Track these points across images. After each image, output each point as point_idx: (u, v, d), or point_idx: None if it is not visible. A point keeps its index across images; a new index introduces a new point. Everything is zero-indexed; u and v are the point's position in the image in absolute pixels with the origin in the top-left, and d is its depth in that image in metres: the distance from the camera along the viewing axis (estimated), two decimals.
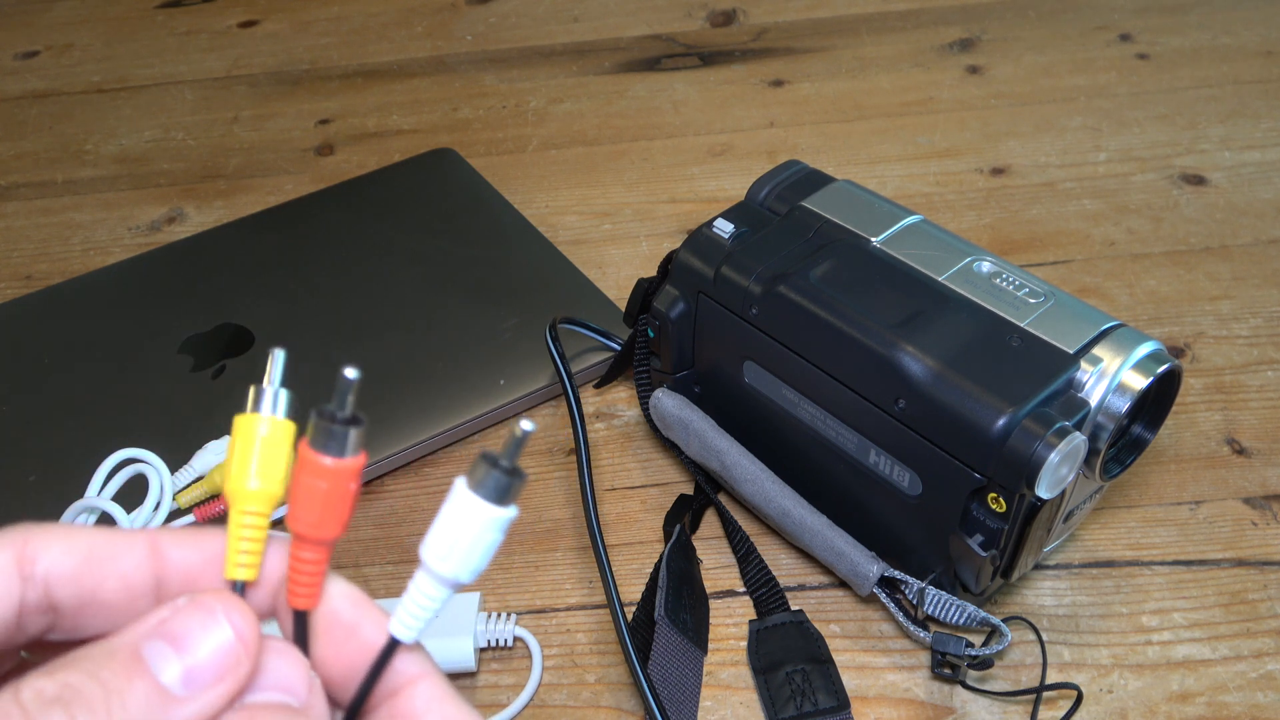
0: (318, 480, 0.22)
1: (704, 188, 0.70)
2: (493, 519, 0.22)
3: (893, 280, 0.43)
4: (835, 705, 0.42)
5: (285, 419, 0.23)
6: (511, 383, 0.55)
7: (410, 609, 0.23)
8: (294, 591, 0.23)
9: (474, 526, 0.22)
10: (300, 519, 0.23)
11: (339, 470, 0.22)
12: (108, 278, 0.63)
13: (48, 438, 0.53)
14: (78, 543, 0.22)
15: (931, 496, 0.41)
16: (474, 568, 0.22)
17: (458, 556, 0.22)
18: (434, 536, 0.22)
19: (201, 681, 0.20)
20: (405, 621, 0.23)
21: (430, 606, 0.23)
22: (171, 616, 0.21)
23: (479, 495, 0.22)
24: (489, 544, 0.22)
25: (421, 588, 0.23)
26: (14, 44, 0.90)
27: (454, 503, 0.22)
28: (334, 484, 0.22)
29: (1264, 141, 0.71)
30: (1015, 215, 0.66)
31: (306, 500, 0.22)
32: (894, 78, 0.79)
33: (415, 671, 0.23)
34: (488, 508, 0.22)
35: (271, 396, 0.23)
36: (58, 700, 0.18)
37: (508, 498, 0.22)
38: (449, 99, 0.80)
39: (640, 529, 0.50)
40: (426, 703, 0.23)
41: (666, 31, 0.86)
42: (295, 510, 0.22)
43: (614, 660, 0.45)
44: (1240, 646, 0.44)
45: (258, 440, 0.23)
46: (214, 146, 0.77)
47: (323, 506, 0.22)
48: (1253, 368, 0.55)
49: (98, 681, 0.19)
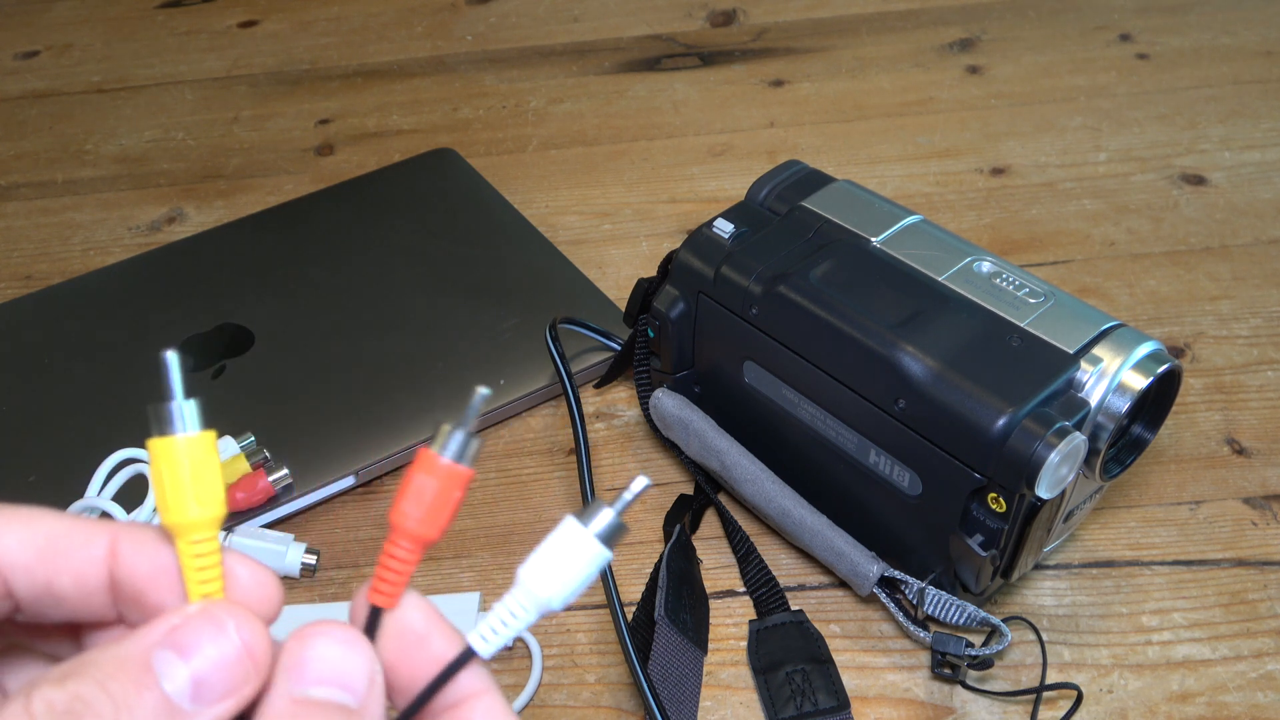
0: (430, 478, 0.23)
1: (704, 188, 0.70)
2: (597, 557, 0.24)
3: (893, 280, 0.43)
4: (835, 705, 0.42)
5: (200, 431, 0.22)
6: (511, 383, 0.55)
7: (495, 624, 0.24)
8: (377, 588, 0.23)
9: (581, 562, 0.24)
10: (406, 514, 0.23)
11: (453, 473, 0.23)
12: (108, 278, 0.63)
13: (48, 438, 0.53)
14: (37, 533, 0.22)
15: (931, 496, 0.41)
16: (567, 597, 0.24)
17: (560, 586, 0.24)
18: (539, 563, 0.24)
19: (209, 696, 0.20)
20: (486, 635, 0.24)
21: (516, 625, 0.24)
22: (181, 625, 0.21)
23: (596, 536, 0.24)
24: (588, 579, 0.24)
25: (513, 606, 0.24)
26: (14, 44, 0.90)
27: (566, 537, 0.24)
28: (445, 485, 0.23)
29: (1264, 141, 0.71)
30: (1015, 215, 0.66)
31: (416, 497, 0.23)
32: (894, 78, 0.79)
33: (478, 687, 0.23)
34: (598, 548, 0.24)
35: (179, 413, 0.22)
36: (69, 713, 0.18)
37: (614, 543, 0.24)
38: (449, 99, 0.80)
39: (640, 529, 0.50)
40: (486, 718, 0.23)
41: (666, 31, 0.86)
42: (402, 505, 0.23)
43: (614, 660, 0.45)
44: (1240, 646, 0.44)
45: (184, 464, 0.22)
46: (214, 146, 0.77)
47: (430, 505, 0.23)
48: (1253, 368, 0.55)
49: (107, 694, 0.19)
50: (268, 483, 0.49)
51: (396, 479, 0.52)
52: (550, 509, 0.51)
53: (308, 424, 0.53)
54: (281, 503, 0.50)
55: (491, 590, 0.47)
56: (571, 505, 0.51)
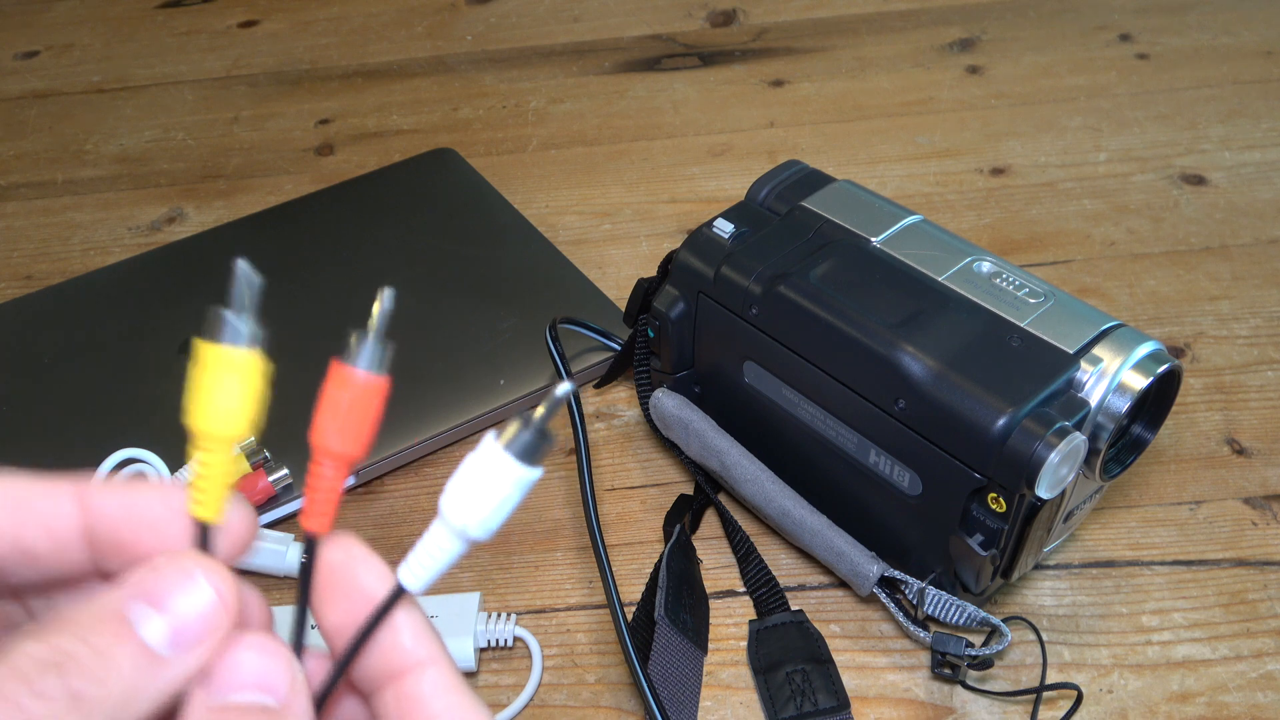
0: (344, 392, 0.22)
1: (704, 188, 0.70)
2: (518, 478, 0.22)
3: (893, 280, 0.43)
4: (835, 705, 0.42)
5: (246, 349, 0.22)
6: (511, 383, 0.55)
7: (421, 559, 0.23)
8: (308, 513, 0.23)
9: (498, 483, 0.22)
10: (324, 431, 0.22)
11: (368, 384, 0.22)
12: (108, 278, 0.63)
13: (48, 438, 0.53)
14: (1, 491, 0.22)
15: (931, 496, 0.41)
16: (490, 525, 0.22)
17: (476, 511, 0.22)
18: (455, 488, 0.22)
19: (186, 642, 0.20)
20: (414, 571, 0.23)
21: (441, 559, 0.23)
22: (150, 576, 0.21)
23: (509, 452, 0.22)
24: (509, 502, 0.22)
25: (435, 539, 0.23)
26: (14, 44, 0.90)
27: (480, 457, 0.22)
28: (360, 398, 0.22)
29: (1264, 141, 0.71)
30: (1015, 215, 0.66)
31: (332, 413, 0.22)
32: (894, 78, 0.79)
33: (424, 655, 0.23)
34: (515, 466, 0.22)
35: (230, 324, 0.22)
36: (53, 665, 0.19)
37: (535, 458, 0.22)
38: (449, 99, 0.80)
39: (640, 529, 0.50)
40: (434, 689, 0.23)
41: (666, 31, 0.86)
42: (319, 423, 0.22)
43: (614, 660, 0.45)
44: (1240, 646, 0.44)
45: (215, 375, 0.22)
46: (214, 146, 0.77)
47: (347, 420, 0.22)
48: (1253, 368, 0.55)
49: (88, 645, 0.19)
50: (268, 483, 0.49)
51: (397, 479, 0.52)
52: (550, 509, 0.51)
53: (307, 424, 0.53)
54: (281, 503, 0.50)
55: (491, 590, 0.47)
56: (572, 505, 0.51)
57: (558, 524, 0.50)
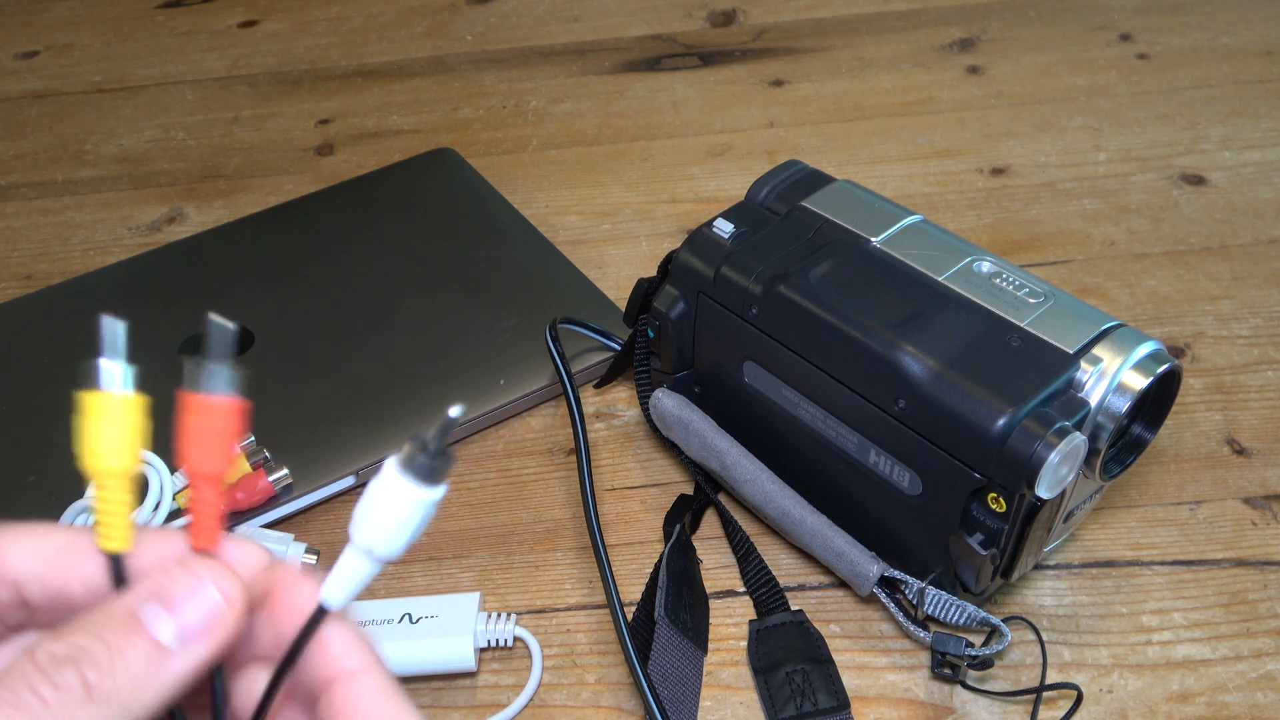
0: (197, 419, 0.24)
1: (704, 188, 0.70)
2: (417, 499, 0.23)
3: (893, 280, 0.43)
4: (835, 705, 0.42)
5: (123, 393, 0.24)
6: (511, 383, 0.55)
7: (337, 579, 0.24)
8: (195, 535, 0.24)
9: (397, 505, 0.23)
10: (189, 459, 0.24)
11: (217, 408, 0.24)
12: (108, 278, 0.63)
13: (48, 438, 0.53)
14: (44, 545, 0.24)
15: (931, 496, 0.41)
16: (395, 545, 0.24)
17: (380, 533, 0.23)
18: (360, 512, 0.24)
19: (191, 637, 0.22)
20: (332, 591, 0.24)
21: (356, 578, 0.24)
22: (163, 582, 0.23)
23: (405, 475, 0.23)
24: (410, 523, 0.23)
25: (349, 560, 0.24)
26: (14, 44, 0.90)
27: (381, 482, 0.23)
28: (213, 421, 0.24)
29: (1264, 141, 0.71)
30: (1015, 215, 0.66)
31: (191, 442, 0.24)
32: (894, 78, 0.79)
33: (357, 664, 0.24)
34: (413, 487, 0.23)
35: (104, 371, 0.24)
36: (69, 659, 0.21)
37: (434, 478, 0.23)
38: (449, 99, 0.80)
39: (640, 529, 0.50)
40: (368, 695, 0.24)
41: (666, 31, 0.86)
42: (184, 452, 0.24)
43: (614, 660, 0.45)
44: (1240, 646, 0.44)
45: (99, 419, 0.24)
46: (214, 146, 0.77)
47: (206, 443, 0.24)
48: (1253, 368, 0.55)
49: (102, 642, 0.21)
50: (268, 483, 0.49)
51: None
52: (550, 509, 0.51)
53: (307, 424, 0.53)
54: (281, 503, 0.50)
55: (491, 590, 0.47)
56: (572, 505, 0.51)
57: (558, 524, 0.50)
